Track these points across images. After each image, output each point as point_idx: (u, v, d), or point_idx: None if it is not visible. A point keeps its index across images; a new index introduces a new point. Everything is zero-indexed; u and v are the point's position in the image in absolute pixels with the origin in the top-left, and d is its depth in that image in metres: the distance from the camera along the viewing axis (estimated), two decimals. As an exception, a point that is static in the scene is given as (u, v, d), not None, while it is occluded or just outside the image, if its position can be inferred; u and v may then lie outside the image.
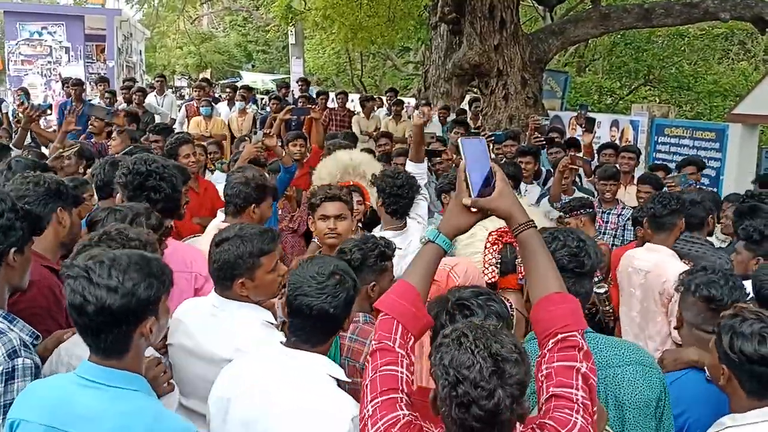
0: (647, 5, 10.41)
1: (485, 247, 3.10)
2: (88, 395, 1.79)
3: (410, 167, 4.31)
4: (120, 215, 2.75)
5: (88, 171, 4.92)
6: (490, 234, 3.08)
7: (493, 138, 7.13)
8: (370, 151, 7.48)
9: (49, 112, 6.75)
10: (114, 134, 6.34)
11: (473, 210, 1.87)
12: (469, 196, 1.85)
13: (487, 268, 3.05)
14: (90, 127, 7.19)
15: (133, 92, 10.27)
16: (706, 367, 2.38)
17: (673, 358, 2.63)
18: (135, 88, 10.51)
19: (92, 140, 6.88)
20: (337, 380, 2.16)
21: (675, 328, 2.79)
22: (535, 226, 1.90)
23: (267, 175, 4.49)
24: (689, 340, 2.68)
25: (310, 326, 2.16)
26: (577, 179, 6.61)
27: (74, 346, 2.17)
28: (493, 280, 3.01)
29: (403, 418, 1.69)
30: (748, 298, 2.80)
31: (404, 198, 4.12)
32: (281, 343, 2.22)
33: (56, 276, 2.54)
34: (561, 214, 5.01)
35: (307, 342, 2.17)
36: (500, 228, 3.03)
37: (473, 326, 1.60)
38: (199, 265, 3.05)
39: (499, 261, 3.04)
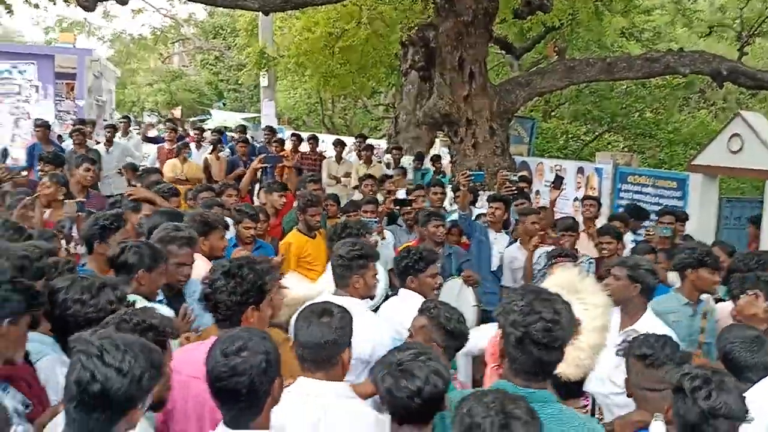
0: (609, 60, 10.78)
1: None
2: None
3: None
4: (85, 284, 2.66)
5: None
6: None
7: (472, 177, 7.27)
8: (335, 197, 7.58)
9: (24, 173, 6.52)
10: (45, 180, 5.90)
11: None
12: None
13: None
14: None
15: (104, 128, 10.24)
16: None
17: (621, 425, 2.78)
18: (106, 124, 10.45)
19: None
20: None
21: (627, 396, 2.89)
22: None
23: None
24: (639, 402, 2.81)
25: (236, 407, 2.11)
26: None
27: None
28: None
29: None
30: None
31: (341, 267, 3.60)
32: (223, 423, 2.17)
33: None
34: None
35: (239, 426, 2.12)
36: None
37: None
38: None
39: None
